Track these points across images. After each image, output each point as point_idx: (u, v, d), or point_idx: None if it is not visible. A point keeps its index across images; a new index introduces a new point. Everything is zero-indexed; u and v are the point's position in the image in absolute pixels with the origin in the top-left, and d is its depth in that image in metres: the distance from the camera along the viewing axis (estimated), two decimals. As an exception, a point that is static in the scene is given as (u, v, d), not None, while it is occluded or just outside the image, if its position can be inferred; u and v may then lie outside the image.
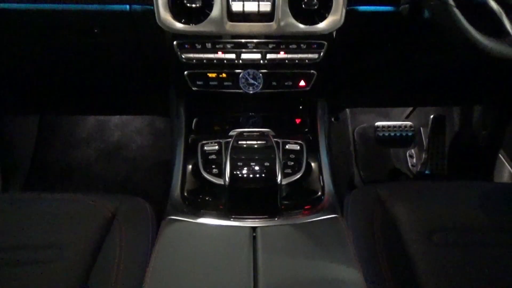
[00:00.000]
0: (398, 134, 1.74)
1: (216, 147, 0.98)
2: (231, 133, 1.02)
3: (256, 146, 0.94)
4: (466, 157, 1.66)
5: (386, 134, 1.74)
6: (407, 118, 1.82)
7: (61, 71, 1.18)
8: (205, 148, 0.99)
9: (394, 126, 1.75)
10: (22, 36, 1.02)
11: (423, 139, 1.78)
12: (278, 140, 0.98)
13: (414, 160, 1.78)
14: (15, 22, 0.96)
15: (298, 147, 0.99)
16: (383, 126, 1.75)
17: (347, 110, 1.83)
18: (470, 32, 0.70)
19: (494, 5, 0.73)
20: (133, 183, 1.67)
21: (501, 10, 0.72)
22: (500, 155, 1.50)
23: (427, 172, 1.69)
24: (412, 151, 1.80)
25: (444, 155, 1.69)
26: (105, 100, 1.40)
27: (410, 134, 1.73)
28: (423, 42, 1.01)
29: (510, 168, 1.44)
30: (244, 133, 0.99)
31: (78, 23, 0.96)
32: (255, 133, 0.99)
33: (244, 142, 0.95)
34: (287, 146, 0.99)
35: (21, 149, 1.66)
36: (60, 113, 1.75)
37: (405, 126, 1.75)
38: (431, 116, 1.71)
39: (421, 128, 1.79)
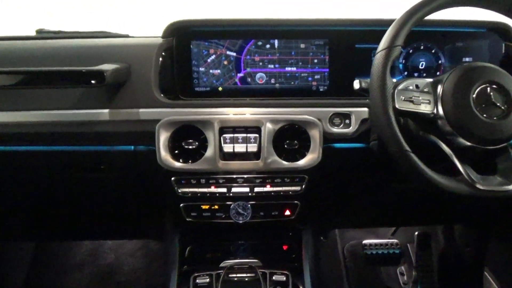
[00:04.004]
0: (385, 252, 1.78)
1: (207, 279, 1.03)
2: (222, 264, 1.07)
3: (246, 279, 1.00)
4: (455, 274, 1.68)
5: (374, 252, 1.78)
6: (393, 235, 1.88)
7: (62, 201, 1.26)
8: (197, 281, 1.03)
9: (381, 244, 1.80)
10: (33, 172, 1.12)
11: (411, 255, 1.81)
12: (265, 271, 1.04)
13: (405, 277, 1.79)
14: (30, 160, 1.08)
15: (284, 278, 1.04)
16: (370, 244, 1.80)
17: (336, 229, 1.89)
18: (427, 173, 0.81)
19: (445, 148, 0.85)
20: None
21: (451, 152, 0.84)
22: (485, 273, 1.53)
23: (418, 290, 1.69)
24: (402, 268, 1.82)
25: (433, 273, 1.71)
26: (101, 226, 1.46)
27: (397, 251, 1.77)
28: (394, 173, 1.13)
29: (496, 287, 1.46)
30: (234, 266, 1.04)
31: (87, 161, 1.07)
32: (243, 266, 1.04)
33: (233, 275, 1.00)
34: (274, 277, 1.04)
35: (13, 276, 1.65)
36: (57, 240, 1.78)
37: (392, 244, 1.80)
38: (416, 233, 1.77)
39: (408, 245, 1.84)
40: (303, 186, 1.05)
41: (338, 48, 1.10)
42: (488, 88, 0.83)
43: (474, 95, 0.83)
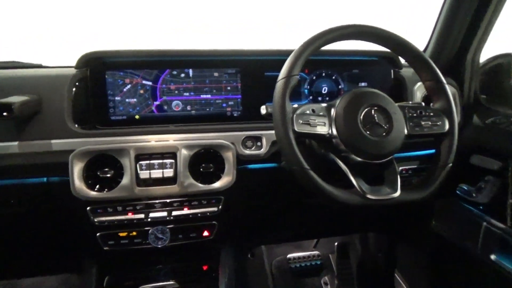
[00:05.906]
0: (308, 264, 1.88)
1: None
2: None
3: None
4: (370, 279, 1.81)
5: (298, 265, 1.87)
6: (315, 247, 1.99)
7: None
8: None
9: (304, 257, 1.90)
10: None
11: (333, 265, 1.92)
12: None
13: (329, 286, 1.89)
14: None
15: None
16: (294, 258, 1.90)
17: (262, 245, 1.95)
18: (324, 187, 0.90)
19: (341, 164, 0.95)
20: None
21: (346, 168, 0.95)
22: (396, 275, 1.68)
23: (341, 298, 1.80)
24: (326, 278, 1.92)
25: (353, 279, 1.84)
26: (16, 263, 1.38)
27: (318, 262, 1.88)
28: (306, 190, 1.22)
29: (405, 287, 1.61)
30: None
31: None
32: None
33: None
34: None
35: None
36: None
37: (314, 256, 1.91)
38: (336, 244, 1.90)
39: (330, 255, 1.96)
40: (220, 207, 1.10)
41: (249, 76, 1.19)
42: (372, 110, 0.95)
43: (361, 117, 0.94)
